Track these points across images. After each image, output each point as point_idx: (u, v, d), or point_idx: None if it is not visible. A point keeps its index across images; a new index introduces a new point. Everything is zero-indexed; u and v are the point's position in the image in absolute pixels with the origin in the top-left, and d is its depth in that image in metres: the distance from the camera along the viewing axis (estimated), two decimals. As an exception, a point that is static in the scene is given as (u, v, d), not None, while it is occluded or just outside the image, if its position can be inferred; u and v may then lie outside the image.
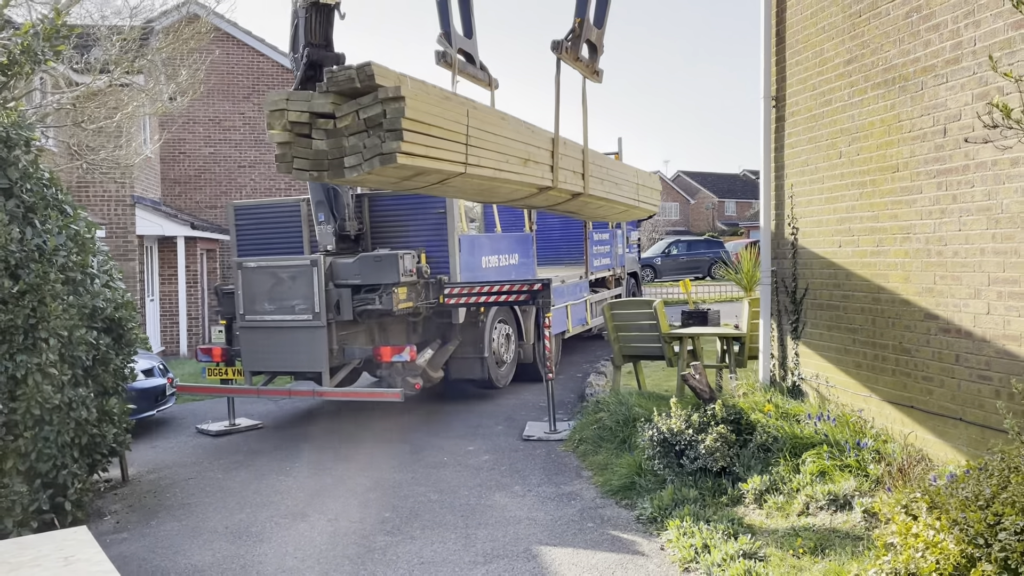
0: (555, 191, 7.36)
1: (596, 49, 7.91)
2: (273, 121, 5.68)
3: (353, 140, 5.50)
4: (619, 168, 9.33)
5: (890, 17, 6.26)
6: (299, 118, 5.59)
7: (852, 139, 6.81)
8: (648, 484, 6.40)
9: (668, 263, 33.43)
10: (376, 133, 5.38)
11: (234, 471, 7.87)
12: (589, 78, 8.03)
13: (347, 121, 5.49)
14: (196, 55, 10.61)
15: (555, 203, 7.97)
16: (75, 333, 5.99)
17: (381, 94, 5.35)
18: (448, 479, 7.28)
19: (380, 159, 5.36)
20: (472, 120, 6.12)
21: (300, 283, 8.80)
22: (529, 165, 6.83)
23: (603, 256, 15.03)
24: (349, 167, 5.52)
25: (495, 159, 6.43)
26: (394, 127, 5.29)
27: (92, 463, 6.42)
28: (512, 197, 7.41)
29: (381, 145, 5.35)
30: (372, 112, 5.39)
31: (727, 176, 74.97)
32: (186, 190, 20.45)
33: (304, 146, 5.67)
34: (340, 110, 5.51)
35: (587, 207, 8.64)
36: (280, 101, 5.67)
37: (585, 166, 7.78)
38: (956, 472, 4.90)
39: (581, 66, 7.76)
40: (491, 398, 10.84)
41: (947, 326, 5.71)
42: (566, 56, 7.43)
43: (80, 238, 6.34)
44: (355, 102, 5.47)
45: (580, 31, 7.51)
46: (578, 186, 7.69)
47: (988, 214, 5.28)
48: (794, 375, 7.82)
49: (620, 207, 9.25)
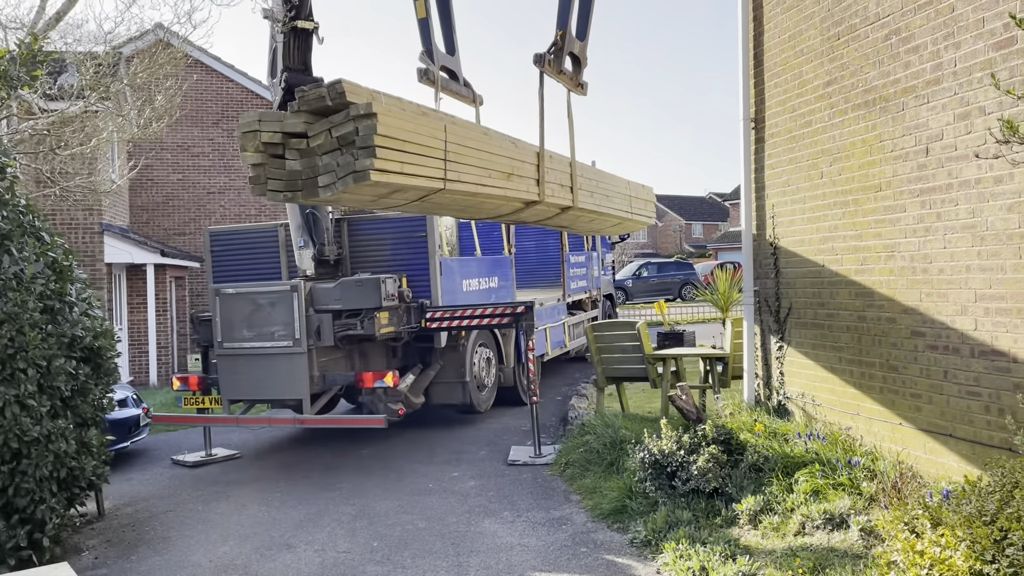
0: (543, 205, 7.32)
1: (579, 61, 7.93)
2: (246, 143, 5.62)
3: (327, 159, 5.46)
4: (610, 180, 9.35)
5: (869, 40, 6.38)
6: (272, 139, 5.55)
7: (833, 159, 6.90)
8: (640, 507, 6.35)
9: (639, 285, 33.64)
10: (349, 151, 5.33)
11: (214, 503, 7.68)
12: (573, 91, 8.05)
13: (320, 140, 5.45)
14: (171, 80, 10.49)
15: (544, 217, 7.94)
16: (54, 363, 5.82)
17: (353, 111, 5.32)
18: (435, 506, 7.17)
19: (353, 177, 5.31)
20: (451, 135, 6.09)
21: (280, 309, 8.65)
22: (513, 179, 6.80)
23: (580, 279, 15.06)
24: (323, 186, 5.47)
25: (476, 174, 6.39)
26: (367, 144, 5.26)
27: (70, 497, 6.21)
28: (498, 212, 7.36)
29: (354, 163, 5.30)
30: (344, 130, 5.34)
31: (694, 199, 75.89)
32: (154, 217, 20.15)
33: (278, 167, 5.61)
34: (312, 129, 5.48)
35: (578, 221, 8.63)
36: (252, 122, 5.62)
37: (573, 179, 7.78)
38: (950, 488, 4.92)
39: (565, 79, 7.77)
40: (473, 423, 10.74)
41: (935, 343, 5.76)
42: (549, 69, 7.44)
43: (58, 265, 6.19)
44: (327, 120, 5.44)
45: (563, 44, 7.53)
46: (567, 199, 7.67)
47: (973, 231, 5.36)
48: (779, 394, 7.85)
49: (613, 219, 9.25)
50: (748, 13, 8.18)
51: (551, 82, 7.56)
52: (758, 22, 8.07)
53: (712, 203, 74.75)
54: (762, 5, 7.97)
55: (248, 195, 20.37)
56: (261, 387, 8.89)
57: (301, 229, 9.54)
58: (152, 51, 10.08)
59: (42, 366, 5.72)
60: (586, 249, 15.68)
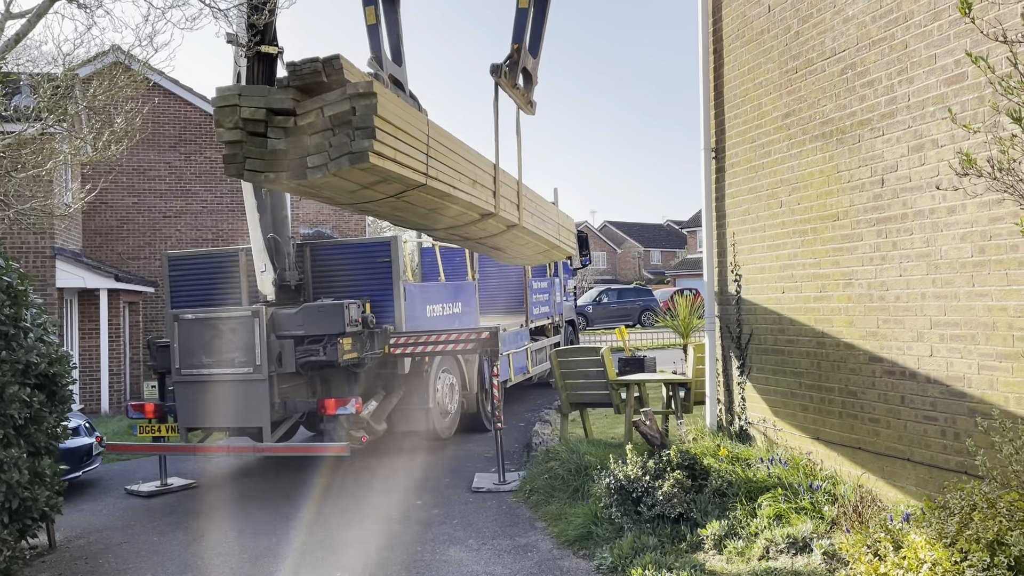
0: (494, 219, 7.31)
1: (531, 79, 8.02)
2: (223, 118, 5.22)
3: (316, 139, 5.10)
4: (545, 204, 9.45)
5: (826, 73, 6.57)
6: (254, 115, 5.18)
7: (792, 189, 7.06)
8: (606, 533, 6.35)
9: (599, 311, 33.86)
10: (344, 131, 5.01)
11: (170, 534, 7.49)
12: (523, 108, 8.12)
13: (310, 118, 5.09)
14: (132, 103, 10.35)
15: (490, 234, 7.90)
16: (8, 390, 5.66)
17: (350, 89, 5.01)
18: (399, 534, 7.09)
19: (349, 158, 4.98)
20: (432, 131, 5.98)
21: (240, 335, 8.54)
22: (477, 187, 6.78)
23: (542, 304, 15.11)
24: (313, 167, 5.11)
25: (450, 175, 6.29)
26: (365, 124, 4.97)
27: (22, 528, 6.02)
28: (455, 223, 7.30)
29: (350, 143, 4.98)
30: (339, 109, 5.02)
31: (652, 226, 76.83)
32: (107, 241, 19.75)
33: (258, 145, 5.25)
34: (302, 107, 5.12)
35: (515, 243, 8.62)
36: (232, 96, 5.23)
37: (520, 197, 7.82)
38: (909, 512, 5.02)
39: (518, 94, 7.84)
40: (436, 450, 10.66)
41: (892, 368, 5.90)
42: (504, 81, 7.48)
43: (13, 290, 6.04)
44: (319, 98, 5.10)
45: (518, 57, 7.60)
46: (514, 216, 7.69)
47: (928, 260, 5.52)
48: (741, 419, 7.94)
49: (544, 245, 9.28)
50: (708, 46, 8.38)
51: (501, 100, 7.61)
52: (718, 55, 8.27)
53: (670, 230, 75.75)
54: (722, 39, 8.17)
55: (205, 219, 20.12)
56: (220, 414, 8.73)
57: (262, 254, 9.44)
58: (111, 73, 9.94)
59: (-5, 393, 5.56)
60: (548, 275, 15.76)
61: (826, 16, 6.55)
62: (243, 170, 5.33)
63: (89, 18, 8.41)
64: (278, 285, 9.47)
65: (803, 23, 6.85)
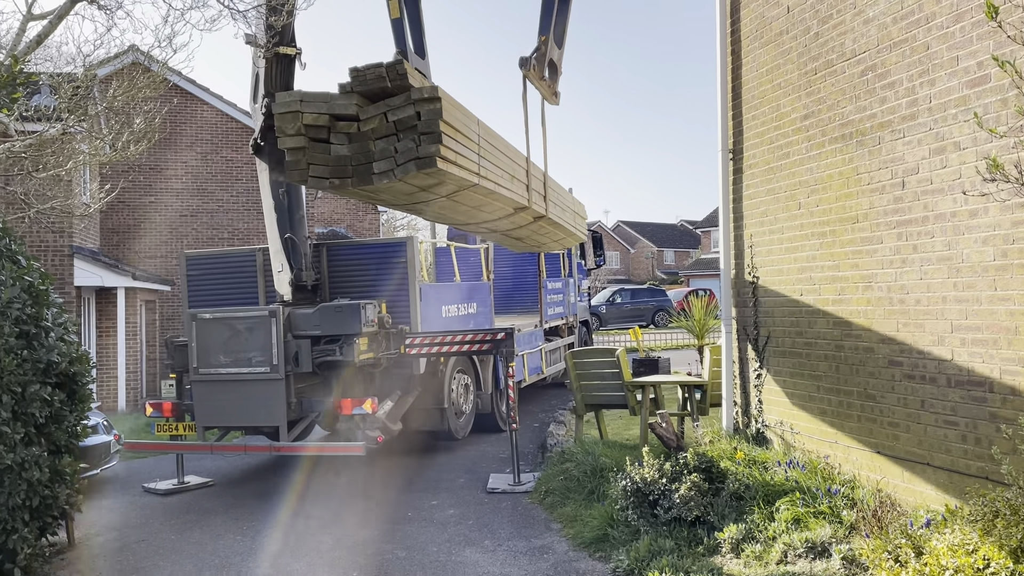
0: (526, 212, 7.30)
1: (556, 69, 8.01)
2: (285, 124, 5.20)
3: (382, 144, 5.08)
4: (563, 193, 9.45)
5: (845, 75, 6.53)
6: (316, 121, 5.16)
7: (811, 191, 7.02)
8: (622, 535, 6.33)
9: (613, 311, 33.82)
10: (409, 136, 4.99)
11: (187, 532, 7.53)
12: (548, 99, 8.10)
13: (374, 124, 5.07)
14: (151, 103, 10.43)
15: (518, 226, 7.90)
16: (29, 389, 5.70)
17: (414, 95, 4.99)
18: (415, 535, 7.10)
19: (416, 163, 4.96)
20: (481, 130, 5.95)
21: (258, 334, 8.58)
22: (515, 182, 6.77)
23: (557, 305, 15.10)
24: (379, 172, 5.09)
25: (496, 173, 6.26)
26: (431, 129, 4.95)
27: (42, 526, 6.07)
28: (491, 218, 7.28)
29: (417, 149, 4.97)
30: (404, 114, 5.00)
31: (666, 226, 76.62)
32: (124, 239, 19.90)
33: (321, 152, 5.22)
34: (365, 112, 5.10)
35: (537, 233, 8.61)
36: (293, 103, 5.21)
37: (546, 188, 7.80)
38: (930, 517, 4.99)
39: (544, 85, 7.83)
40: (450, 450, 10.68)
41: (911, 372, 5.86)
42: (532, 74, 7.47)
43: (34, 290, 6.09)
44: (383, 103, 5.08)
45: (545, 49, 7.59)
46: (542, 208, 7.69)
47: (949, 263, 5.48)
48: (758, 422, 7.91)
49: (561, 233, 9.27)
50: (726, 47, 8.34)
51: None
52: (736, 55, 8.24)
53: (684, 230, 75.52)
54: (740, 39, 8.14)
55: (221, 218, 20.24)
56: (237, 413, 8.78)
57: (279, 254, 9.47)
58: (130, 73, 10.01)
59: (17, 392, 5.60)
60: (563, 275, 15.75)
61: (846, 17, 6.51)
62: (307, 176, 5.32)
63: (109, 19, 8.48)
64: (295, 285, 9.50)
65: (822, 24, 6.81)
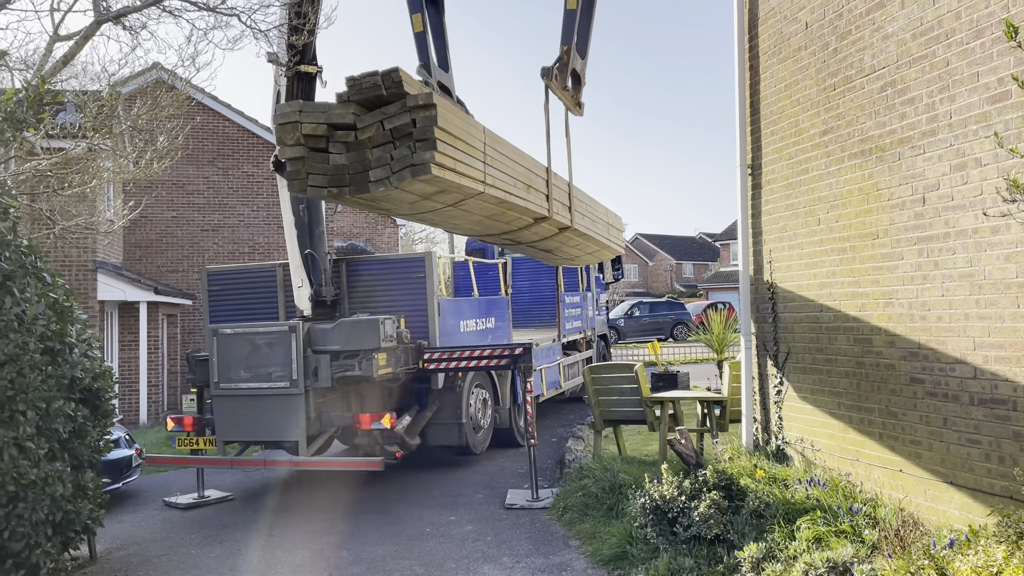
0: (548, 223, 7.28)
1: (579, 80, 7.99)
2: (285, 135, 5.24)
3: (378, 152, 5.10)
4: (594, 204, 9.43)
5: (865, 91, 6.51)
6: (315, 131, 5.19)
7: (830, 207, 6.99)
8: (640, 553, 6.30)
9: (631, 325, 33.70)
10: (405, 143, 5.01)
11: (207, 546, 7.58)
12: (572, 110, 8.09)
13: (370, 132, 5.10)
14: (174, 121, 10.58)
15: (542, 237, 7.88)
16: (53, 405, 5.78)
17: (410, 102, 5.01)
18: (433, 551, 7.10)
19: (411, 171, 4.98)
20: (488, 138, 5.94)
21: (277, 349, 8.64)
22: (531, 192, 6.75)
23: (575, 319, 15.09)
24: (375, 180, 5.12)
25: (506, 181, 6.25)
26: (426, 136, 4.96)
27: (65, 541, 6.13)
28: (509, 228, 7.26)
29: (412, 156, 4.98)
30: (399, 122, 5.02)
31: (684, 239, 76.39)
32: (147, 254, 20.13)
33: (320, 161, 5.25)
34: (362, 120, 5.13)
35: (566, 245, 8.59)
36: (292, 113, 5.25)
37: (571, 199, 7.79)
38: (953, 537, 4.92)
39: (567, 96, 7.81)
40: (468, 465, 10.67)
41: (934, 390, 5.80)
42: (554, 84, 7.45)
43: (59, 306, 6.17)
44: (380, 111, 5.10)
45: (567, 59, 7.56)
46: (566, 219, 7.66)
47: (971, 280, 5.43)
48: (778, 439, 7.85)
49: (594, 246, 9.24)
50: (744, 63, 8.35)
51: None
52: (754, 71, 8.23)
53: (702, 243, 75.26)
54: (758, 55, 8.14)
55: (242, 233, 20.41)
56: (257, 428, 8.84)
57: (299, 269, 9.56)
58: (154, 92, 10.17)
59: (41, 408, 5.68)
60: (580, 289, 15.74)
61: (865, 33, 6.50)
62: (306, 186, 5.35)
63: (134, 39, 8.65)
64: (314, 300, 9.58)
65: (841, 40, 6.80)
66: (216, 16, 9.08)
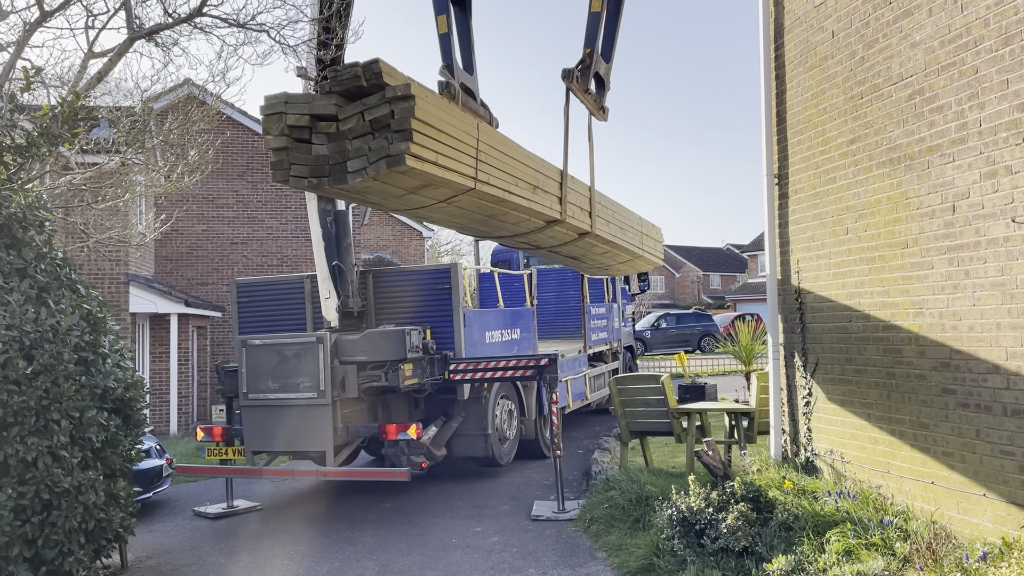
0: (562, 227, 7.24)
1: (603, 84, 7.95)
2: (270, 126, 5.32)
3: (357, 143, 5.15)
4: (624, 212, 9.33)
5: (892, 99, 6.46)
6: (299, 121, 5.26)
7: (858, 216, 6.94)
8: (668, 565, 6.26)
9: (658, 336, 33.53)
10: (383, 135, 5.04)
11: (236, 556, 7.64)
12: (595, 114, 8.05)
13: (351, 123, 5.14)
14: (205, 136, 10.76)
15: (561, 242, 7.83)
16: (86, 414, 5.88)
17: (389, 93, 5.03)
18: (459, 562, 7.10)
19: (387, 161, 4.99)
20: (482, 135, 5.91)
21: (305, 360, 8.71)
22: (538, 193, 6.72)
23: (600, 330, 15.05)
24: (352, 171, 5.15)
25: (505, 180, 6.22)
26: (403, 127, 4.98)
27: (97, 549, 6.21)
28: (518, 230, 7.23)
29: (388, 147, 5.00)
30: (379, 113, 5.04)
31: (711, 250, 75.92)
32: (178, 267, 20.42)
33: (303, 151, 5.32)
34: (343, 112, 5.18)
35: (592, 251, 8.52)
36: (278, 104, 5.31)
37: (592, 204, 7.74)
38: (986, 550, 4.84)
39: (589, 99, 7.77)
40: (494, 476, 10.67)
41: (966, 401, 5.72)
42: (576, 86, 7.42)
43: (92, 317, 6.29)
44: (360, 103, 5.15)
45: (590, 62, 7.53)
46: (585, 224, 7.60)
47: (1003, 289, 5.36)
48: (807, 451, 7.77)
49: (625, 255, 9.17)
50: (771, 72, 8.32)
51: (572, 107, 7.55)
52: (780, 80, 8.20)
53: (729, 254, 74.74)
54: (784, 64, 8.11)
55: (270, 245, 20.65)
56: (285, 438, 8.91)
57: (327, 281, 9.64)
58: (185, 107, 10.36)
59: (75, 417, 5.78)
60: (606, 300, 15.71)
61: (892, 41, 6.46)
62: (288, 176, 5.40)
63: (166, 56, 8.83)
64: (342, 311, 9.65)
65: (868, 48, 6.77)
66: (246, 32, 9.23)
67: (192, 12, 8.81)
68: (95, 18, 8.85)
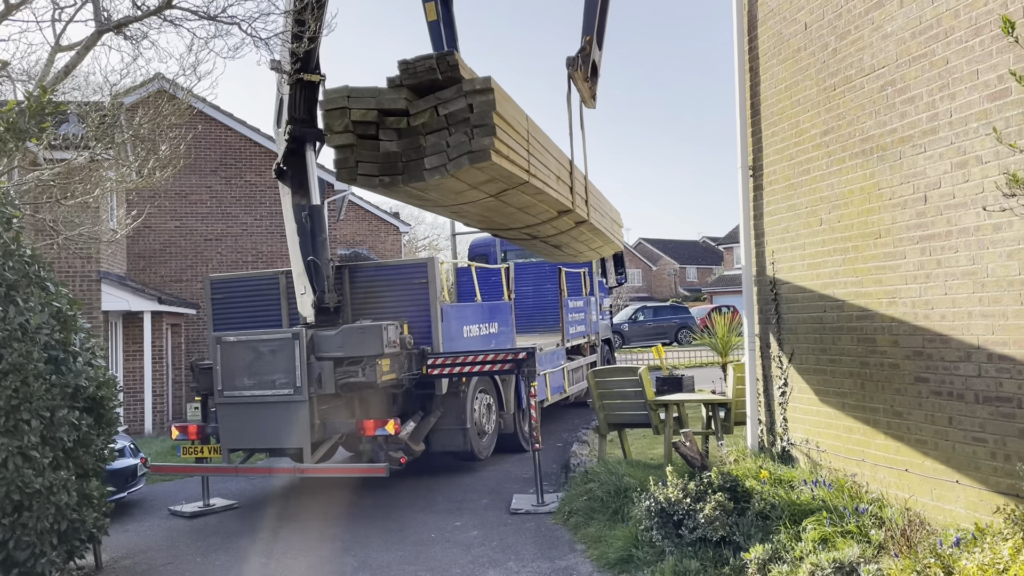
0: (569, 216, 7.18)
1: (596, 72, 7.92)
2: (333, 121, 5.05)
3: (432, 139, 4.91)
4: (602, 198, 9.40)
5: (865, 91, 6.51)
6: (365, 117, 5.00)
7: (832, 207, 6.99)
8: (647, 556, 6.29)
9: (635, 329, 33.68)
10: (461, 129, 4.84)
11: (213, 554, 7.57)
12: (586, 102, 8.02)
13: (424, 118, 4.92)
14: (176, 131, 10.62)
15: (559, 231, 7.78)
16: (57, 413, 5.79)
17: (466, 86, 4.84)
18: (438, 557, 7.09)
19: (469, 157, 4.80)
20: (530, 126, 5.80)
21: (281, 357, 8.64)
22: (560, 184, 6.62)
23: (578, 323, 15.08)
24: (430, 168, 4.93)
25: (544, 172, 6.02)
26: (484, 122, 4.79)
27: (70, 550, 6.13)
28: (536, 221, 7.12)
29: (470, 142, 4.81)
30: (455, 107, 4.85)
31: (687, 243, 76.35)
32: (151, 264, 20.17)
33: (370, 148, 5.07)
34: (415, 106, 4.94)
35: (577, 240, 8.50)
36: (340, 99, 5.08)
37: (588, 192, 7.73)
38: (960, 536, 4.90)
39: (585, 87, 7.73)
40: (473, 470, 10.66)
41: (938, 389, 5.78)
42: (578, 74, 7.37)
43: (62, 315, 6.19)
44: (434, 96, 4.92)
45: (589, 50, 7.45)
46: (583, 212, 7.57)
47: (974, 278, 5.42)
48: (783, 440, 7.83)
49: (599, 241, 9.18)
50: (744, 65, 8.35)
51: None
52: (754, 73, 8.24)
53: (706, 247, 75.20)
54: (758, 57, 8.14)
55: (245, 241, 20.46)
56: (261, 436, 8.83)
57: (302, 276, 9.55)
58: (156, 101, 10.22)
59: (45, 417, 5.69)
60: (584, 293, 15.73)
61: (864, 33, 6.50)
62: (356, 175, 5.16)
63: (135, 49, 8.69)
64: (318, 307, 9.57)
65: (840, 40, 6.81)
66: (217, 25, 9.12)
67: (161, 4, 8.68)
68: (62, 11, 8.71)
